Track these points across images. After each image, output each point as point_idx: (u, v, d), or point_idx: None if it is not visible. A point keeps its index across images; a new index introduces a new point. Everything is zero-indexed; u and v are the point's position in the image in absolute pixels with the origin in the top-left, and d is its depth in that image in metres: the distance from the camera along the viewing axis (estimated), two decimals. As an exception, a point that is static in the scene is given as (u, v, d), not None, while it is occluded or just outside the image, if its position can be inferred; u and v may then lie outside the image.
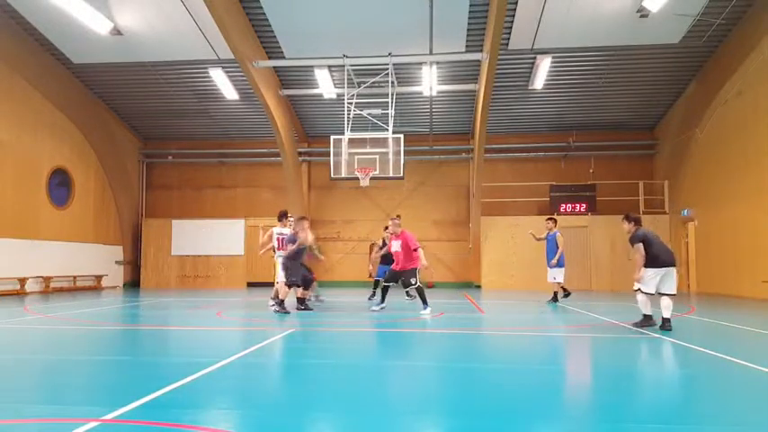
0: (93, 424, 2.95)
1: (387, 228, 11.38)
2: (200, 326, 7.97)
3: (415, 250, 9.25)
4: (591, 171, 18.84)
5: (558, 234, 11.43)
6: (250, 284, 19.14)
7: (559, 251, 11.22)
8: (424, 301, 9.14)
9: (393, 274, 9.56)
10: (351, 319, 8.82)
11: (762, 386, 4.12)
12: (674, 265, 7.07)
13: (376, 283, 12.34)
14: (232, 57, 13.87)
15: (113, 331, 7.36)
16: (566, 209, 17.81)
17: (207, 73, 15.90)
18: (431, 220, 19.55)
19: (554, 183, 18.28)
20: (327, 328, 7.76)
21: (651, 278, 7.02)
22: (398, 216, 10.86)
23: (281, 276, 10.00)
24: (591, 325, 7.83)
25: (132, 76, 16.27)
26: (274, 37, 14.45)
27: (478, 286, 18.20)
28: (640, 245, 7.05)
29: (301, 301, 10.05)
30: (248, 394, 3.84)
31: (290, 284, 9.64)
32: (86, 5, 12.65)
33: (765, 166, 12.61)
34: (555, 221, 11.84)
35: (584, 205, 17.74)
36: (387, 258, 11.31)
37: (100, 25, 13.34)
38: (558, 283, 11.46)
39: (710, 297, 13.73)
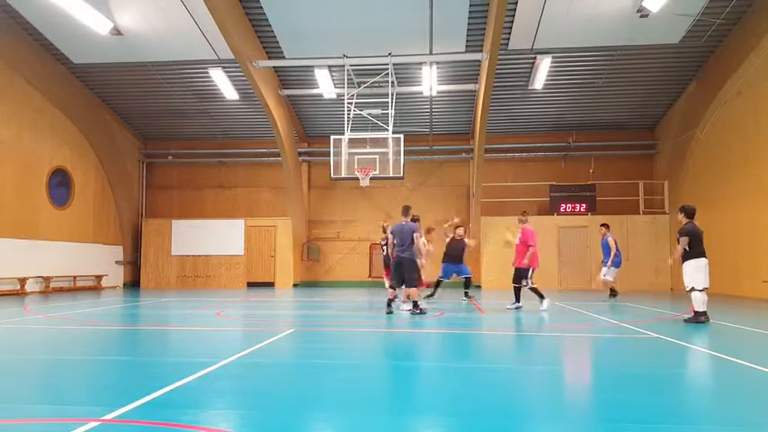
0: (93, 424, 2.95)
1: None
2: (200, 326, 7.97)
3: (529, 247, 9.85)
4: (591, 171, 18.84)
5: (611, 238, 12.21)
6: (250, 284, 19.15)
7: (613, 253, 12.01)
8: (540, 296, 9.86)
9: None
10: (351, 320, 8.81)
11: (762, 386, 4.12)
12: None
13: (438, 283, 12.78)
14: (232, 57, 13.87)
15: (113, 331, 7.36)
16: (566, 209, 17.82)
17: (207, 73, 15.90)
18: (431, 220, 19.53)
19: (554, 183, 18.29)
20: (327, 328, 7.76)
21: (699, 272, 8.03)
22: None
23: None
24: (591, 325, 7.83)
25: (132, 76, 16.27)
26: (274, 37, 14.45)
27: (478, 286, 18.20)
28: (686, 239, 7.92)
29: (415, 303, 9.33)
30: (248, 394, 3.84)
31: (416, 285, 9.36)
32: (86, 5, 12.65)
33: (765, 166, 12.61)
34: (608, 227, 12.60)
35: (585, 205, 17.74)
36: (452, 256, 12.29)
37: (100, 25, 13.34)
38: (606, 282, 12.33)
39: (710, 297, 13.70)
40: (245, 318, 9.05)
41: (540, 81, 15.62)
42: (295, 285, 19.08)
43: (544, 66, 14.87)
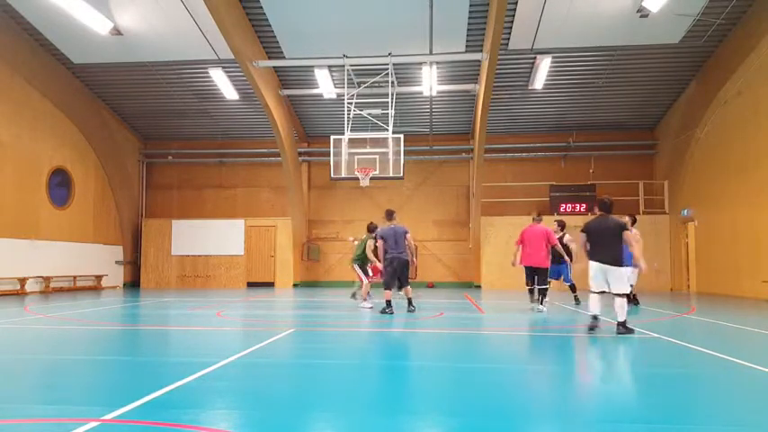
0: (93, 424, 2.95)
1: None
2: (200, 326, 7.97)
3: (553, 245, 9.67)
4: (591, 171, 18.84)
5: (634, 230, 10.39)
6: (250, 284, 19.15)
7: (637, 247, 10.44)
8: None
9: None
10: (351, 320, 8.81)
11: (762, 386, 4.12)
12: (607, 263, 6.62)
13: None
14: (232, 57, 13.86)
15: (113, 331, 7.36)
16: (566, 209, 17.81)
17: (207, 73, 15.90)
18: (431, 220, 19.55)
19: (554, 183, 18.29)
20: (327, 328, 7.76)
21: (592, 273, 6.81)
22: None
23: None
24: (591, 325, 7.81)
25: (132, 76, 16.27)
26: (274, 37, 14.45)
27: (478, 286, 18.21)
28: (582, 235, 6.92)
29: (410, 301, 9.51)
30: (248, 394, 3.84)
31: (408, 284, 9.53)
32: (86, 5, 12.65)
33: (765, 167, 12.61)
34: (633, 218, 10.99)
35: (584, 205, 17.74)
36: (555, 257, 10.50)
37: (100, 25, 13.33)
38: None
39: (710, 297, 13.73)
40: (245, 318, 9.05)
41: (540, 81, 15.61)
42: (295, 285, 19.08)
43: (544, 66, 14.86)
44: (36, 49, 14.87)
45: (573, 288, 10.97)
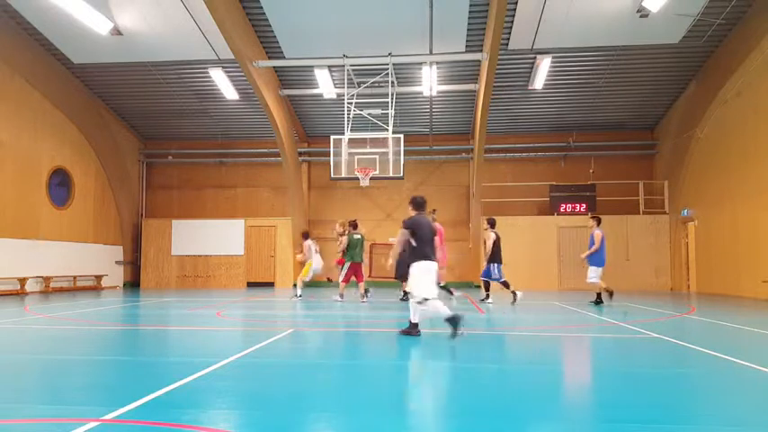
0: (93, 424, 2.95)
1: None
2: (200, 326, 7.97)
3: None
4: (591, 171, 18.83)
5: (597, 232, 11.01)
6: (250, 284, 19.15)
7: (593, 249, 10.90)
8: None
9: None
10: (350, 319, 8.82)
11: (762, 386, 4.12)
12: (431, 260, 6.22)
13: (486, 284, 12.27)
14: (232, 57, 13.86)
15: (113, 331, 7.35)
16: (566, 209, 17.81)
17: (207, 73, 15.90)
18: (430, 219, 19.52)
19: (554, 183, 18.28)
20: (327, 329, 7.76)
21: (420, 277, 6.23)
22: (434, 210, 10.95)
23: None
24: (591, 325, 7.82)
25: (132, 76, 16.27)
26: (274, 37, 14.45)
27: (478, 286, 18.19)
28: (404, 232, 6.38)
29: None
30: (248, 394, 3.84)
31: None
32: (86, 5, 12.65)
33: (765, 166, 12.61)
34: (597, 220, 11.29)
35: (584, 205, 17.73)
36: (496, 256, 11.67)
37: (100, 25, 13.33)
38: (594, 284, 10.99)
39: (710, 297, 13.73)
40: (245, 318, 9.05)
41: (540, 81, 15.61)
42: (295, 285, 19.06)
43: (544, 66, 14.86)
44: (36, 49, 14.87)
45: (506, 285, 11.66)
